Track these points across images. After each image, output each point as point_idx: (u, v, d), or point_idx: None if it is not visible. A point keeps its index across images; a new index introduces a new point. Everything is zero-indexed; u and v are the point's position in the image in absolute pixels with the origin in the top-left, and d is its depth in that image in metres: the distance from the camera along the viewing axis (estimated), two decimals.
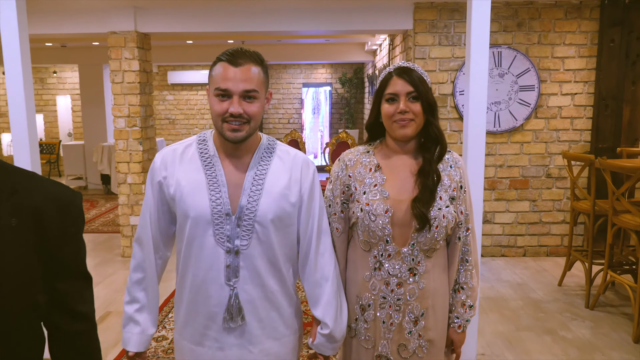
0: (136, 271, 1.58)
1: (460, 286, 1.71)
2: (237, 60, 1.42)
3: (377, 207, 1.59)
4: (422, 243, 1.60)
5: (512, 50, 4.87)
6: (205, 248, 1.48)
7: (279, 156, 1.55)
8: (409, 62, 1.69)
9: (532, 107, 4.94)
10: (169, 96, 11.79)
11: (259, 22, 5.03)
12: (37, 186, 1.07)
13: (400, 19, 4.95)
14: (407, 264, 1.61)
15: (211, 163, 1.51)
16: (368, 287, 1.65)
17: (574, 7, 4.86)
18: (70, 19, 4.98)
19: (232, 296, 1.48)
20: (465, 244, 1.70)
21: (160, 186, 1.54)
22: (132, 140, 5.00)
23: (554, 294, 4.19)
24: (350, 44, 8.88)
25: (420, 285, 1.62)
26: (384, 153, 1.70)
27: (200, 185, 1.49)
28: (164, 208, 1.56)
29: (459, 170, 1.67)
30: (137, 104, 4.95)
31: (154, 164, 1.56)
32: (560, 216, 5.11)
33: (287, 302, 1.56)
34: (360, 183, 1.66)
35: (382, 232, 1.59)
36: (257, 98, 1.44)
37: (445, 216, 1.59)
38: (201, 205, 1.47)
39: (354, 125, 11.61)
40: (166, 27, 4.98)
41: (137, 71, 4.91)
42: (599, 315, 3.76)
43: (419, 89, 1.59)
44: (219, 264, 1.48)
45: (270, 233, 1.48)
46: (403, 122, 1.60)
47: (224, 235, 1.47)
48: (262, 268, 1.50)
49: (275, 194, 1.49)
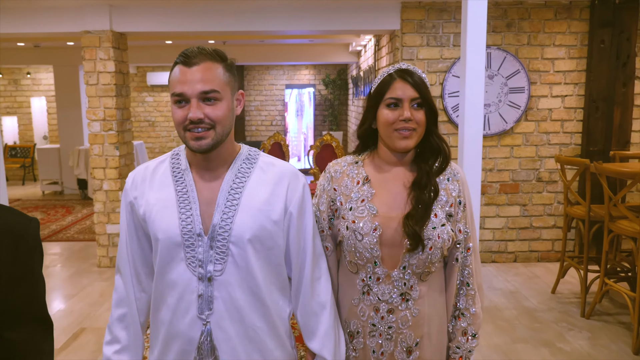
0: (118, 306, 1.39)
1: (460, 312, 1.53)
2: (192, 60, 1.25)
3: (364, 225, 1.43)
4: (415, 265, 1.43)
5: (502, 51, 4.76)
6: (176, 274, 1.30)
7: (261, 167, 1.36)
8: (407, 64, 1.51)
9: (522, 109, 4.83)
10: (149, 98, 11.50)
11: (241, 22, 4.83)
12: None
13: (387, 19, 4.80)
14: (399, 289, 1.44)
15: (182, 178, 1.33)
16: (356, 313, 1.48)
17: (563, 7, 4.76)
18: (42, 17, 4.72)
19: (204, 333, 1.28)
20: (466, 265, 1.52)
21: (132, 208, 1.36)
22: (108, 145, 4.76)
23: (548, 302, 4.07)
24: (334, 45, 8.72)
25: (413, 312, 1.46)
26: (375, 164, 1.53)
27: (169, 203, 1.31)
28: (140, 233, 1.38)
29: (458, 184, 1.50)
30: (113, 106, 4.71)
31: (126, 185, 1.39)
32: (551, 221, 5.01)
33: (275, 344, 1.35)
34: (346, 197, 1.49)
35: (369, 253, 1.43)
36: (219, 99, 1.26)
37: (441, 236, 1.42)
38: (170, 226, 1.29)
39: (337, 127, 11.46)
40: (143, 27, 4.75)
41: (112, 72, 4.67)
42: (596, 325, 3.64)
43: (423, 94, 1.43)
44: (190, 293, 1.29)
45: (248, 256, 1.29)
46: (406, 132, 1.42)
47: (196, 259, 1.28)
48: (241, 299, 1.30)
49: (254, 209, 1.30)
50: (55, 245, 5.89)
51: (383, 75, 1.49)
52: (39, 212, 7.55)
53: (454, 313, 1.54)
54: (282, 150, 8.65)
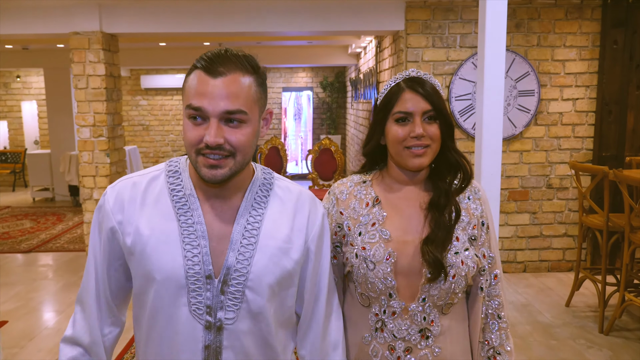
0: (72, 346, 1.14)
1: (495, 351, 1.33)
2: (217, 68, 1.00)
3: (376, 251, 1.25)
4: (436, 297, 1.25)
5: (511, 52, 4.55)
6: (175, 322, 1.07)
7: (279, 195, 1.15)
8: (418, 70, 1.31)
9: (532, 113, 4.63)
10: (143, 101, 11.25)
11: (237, 23, 4.62)
12: None
13: (390, 19, 4.59)
14: (418, 324, 1.26)
15: (186, 206, 1.09)
16: (368, 353, 1.29)
17: (574, 6, 4.56)
18: (28, 18, 4.48)
19: None
20: (494, 295, 1.34)
21: (114, 235, 1.11)
22: (99, 152, 4.53)
23: (562, 316, 3.86)
24: (332, 47, 8.51)
25: (435, 350, 1.27)
26: (385, 184, 1.36)
27: (171, 236, 1.07)
28: (117, 263, 1.14)
29: (480, 203, 1.33)
30: (103, 111, 4.48)
31: (105, 204, 1.12)
32: (562, 229, 4.80)
33: None
34: (354, 222, 1.31)
35: (383, 283, 1.25)
36: (245, 122, 1.03)
37: (465, 262, 1.24)
38: (172, 265, 1.06)
39: (336, 130, 11.26)
40: (135, 27, 4.53)
41: (102, 76, 4.44)
42: (616, 342, 3.43)
43: (436, 105, 1.25)
44: (195, 343, 1.07)
45: (265, 302, 1.08)
46: (419, 149, 1.25)
47: (203, 305, 1.06)
48: (252, 347, 1.09)
49: (275, 248, 1.09)
50: (44, 256, 5.64)
51: (390, 85, 1.30)
52: (29, 220, 7.30)
53: (486, 352, 1.34)
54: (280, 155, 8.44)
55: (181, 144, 11.39)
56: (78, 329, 1.14)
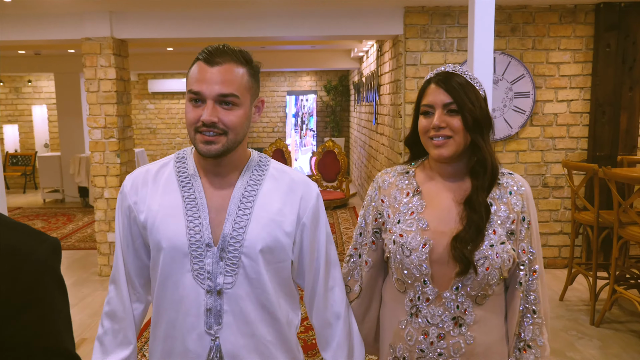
0: (110, 319, 1.32)
1: (526, 344, 1.36)
2: (215, 59, 1.18)
3: (413, 239, 1.31)
4: (470, 287, 1.30)
5: (506, 55, 4.71)
6: (181, 287, 1.23)
7: (273, 175, 1.30)
8: (455, 65, 1.38)
9: (528, 114, 4.77)
10: (150, 105, 11.47)
11: (242, 28, 4.79)
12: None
13: (390, 24, 4.75)
14: (451, 312, 1.31)
15: (189, 184, 1.26)
16: (403, 337, 1.36)
17: (568, 11, 4.71)
18: (42, 24, 4.68)
19: (213, 348, 1.22)
20: (531, 290, 1.36)
21: (131, 213, 1.28)
22: (109, 153, 4.71)
23: (556, 309, 3.99)
24: (335, 51, 8.69)
25: (468, 339, 1.31)
26: (427, 175, 1.41)
27: (176, 209, 1.24)
28: (138, 241, 1.31)
29: (522, 198, 1.34)
30: (114, 114, 4.66)
31: (124, 188, 1.30)
32: (558, 227, 4.94)
33: (284, 356, 1.30)
34: (394, 210, 1.39)
35: (418, 270, 1.31)
36: (237, 104, 1.19)
37: (500, 255, 1.28)
38: (176, 234, 1.22)
39: (339, 133, 11.41)
40: (144, 33, 4.71)
41: (113, 79, 4.63)
42: (606, 333, 3.57)
43: (458, 98, 1.29)
44: (197, 307, 1.22)
45: (260, 268, 1.23)
46: (439, 140, 1.31)
47: (204, 271, 1.22)
48: (251, 313, 1.24)
49: (266, 219, 1.24)
50: None
51: (425, 80, 1.40)
52: (40, 221, 7.50)
53: (517, 345, 1.38)
54: (284, 157, 8.61)
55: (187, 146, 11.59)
56: (113, 304, 1.32)
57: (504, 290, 1.38)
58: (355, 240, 1.49)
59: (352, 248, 1.50)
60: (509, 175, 1.38)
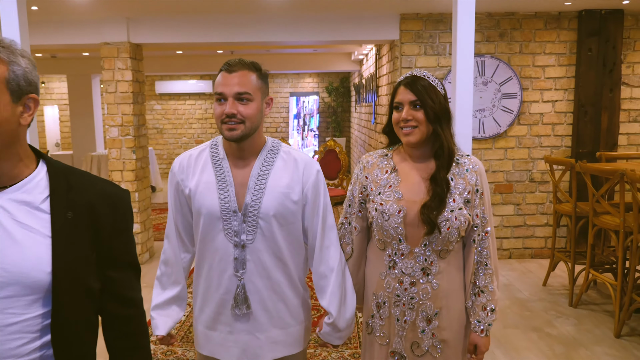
0: (166, 265, 1.71)
1: (480, 290, 1.70)
2: (232, 68, 1.57)
3: (390, 207, 1.65)
4: (435, 244, 1.64)
5: (495, 59, 5.05)
6: (216, 242, 1.61)
7: (282, 157, 1.66)
8: (421, 70, 1.72)
9: (515, 114, 5.12)
10: (157, 106, 11.84)
11: (248, 33, 5.15)
12: (90, 184, 1.18)
13: (386, 30, 5.11)
14: (420, 264, 1.65)
15: (220, 165, 1.63)
16: (383, 285, 1.71)
17: (553, 17, 5.06)
18: (64, 30, 5.05)
19: (239, 286, 1.60)
20: (484, 247, 1.70)
21: (178, 188, 1.67)
22: (125, 149, 5.07)
23: (539, 293, 4.34)
24: (337, 54, 9.04)
25: (433, 285, 1.66)
26: (401, 157, 1.75)
27: (211, 185, 1.61)
28: (184, 208, 1.69)
29: (476, 174, 1.69)
30: (130, 113, 5.03)
31: (173, 169, 1.70)
32: (544, 219, 5.28)
33: (293, 293, 1.67)
34: (375, 184, 1.73)
35: (394, 231, 1.65)
36: (250, 100, 1.56)
37: (458, 218, 1.62)
38: (211, 204, 1.59)
39: (341, 133, 11.75)
40: (158, 38, 5.08)
41: (130, 81, 4.99)
42: (582, 313, 3.91)
43: (422, 97, 1.62)
44: (228, 256, 1.60)
45: (273, 228, 1.59)
46: (407, 129, 1.65)
47: (232, 230, 1.59)
48: (267, 261, 1.61)
49: (277, 192, 1.60)
50: None
51: (397, 82, 1.74)
52: None
53: (473, 290, 1.71)
54: None
55: (193, 146, 11.94)
56: (167, 254, 1.72)
57: (462, 247, 1.72)
58: (345, 211, 1.84)
59: (343, 217, 1.85)
60: (466, 156, 1.73)
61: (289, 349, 1.68)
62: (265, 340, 1.63)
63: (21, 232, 1.07)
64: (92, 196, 1.15)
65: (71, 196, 1.12)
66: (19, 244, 1.05)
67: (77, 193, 1.14)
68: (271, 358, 1.65)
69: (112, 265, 1.19)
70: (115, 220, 1.18)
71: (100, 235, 1.15)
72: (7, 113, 1.04)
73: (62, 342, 1.09)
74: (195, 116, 11.99)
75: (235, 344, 1.63)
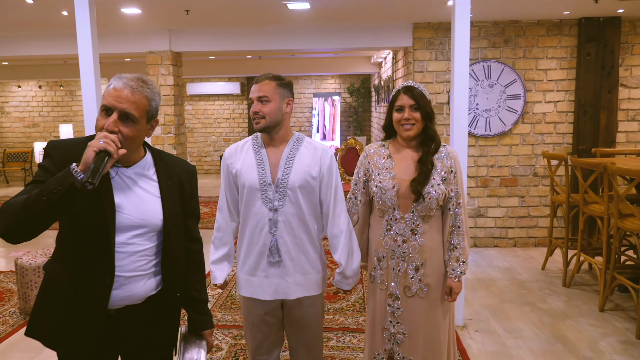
0: (218, 231, 2.27)
1: (454, 246, 2.23)
2: (258, 79, 2.15)
3: (387, 184, 2.19)
4: (420, 210, 2.18)
5: (500, 63, 5.52)
6: (256, 207, 2.15)
7: (305, 146, 2.21)
8: (413, 82, 2.29)
9: (519, 113, 5.58)
10: (188, 106, 12.53)
11: (277, 41, 5.74)
12: (177, 162, 1.78)
13: (401, 37, 5.63)
14: (409, 226, 2.19)
15: (259, 151, 2.19)
16: (382, 244, 2.25)
17: (554, 25, 5.51)
18: (113, 40, 5.72)
19: (273, 241, 2.14)
20: (457, 214, 2.22)
21: (228, 168, 2.23)
22: (167, 146, 5.70)
23: (537, 276, 4.80)
24: (357, 57, 9.56)
25: (419, 242, 2.19)
26: (395, 147, 2.29)
27: (252, 165, 2.17)
28: (232, 185, 2.24)
29: (450, 159, 2.22)
30: (171, 113, 5.66)
31: (225, 155, 2.26)
32: (546, 210, 5.73)
33: (312, 248, 2.20)
34: (375, 167, 2.27)
35: (390, 202, 2.19)
36: (269, 101, 2.10)
37: (437, 191, 2.15)
38: (252, 179, 2.14)
39: (361, 132, 12.25)
40: (196, 47, 5.70)
41: (171, 85, 5.62)
42: (573, 292, 4.37)
43: (419, 102, 2.19)
44: (264, 218, 2.14)
45: (298, 196, 2.13)
46: (407, 126, 2.20)
47: (268, 198, 2.13)
48: (293, 222, 2.15)
49: (301, 170, 2.14)
50: None
51: (395, 91, 2.30)
52: None
53: (449, 247, 2.24)
54: None
55: (221, 144, 12.63)
56: (219, 222, 2.27)
57: (440, 214, 2.27)
58: (352, 188, 2.40)
59: (351, 193, 2.41)
60: (444, 146, 2.27)
61: (309, 291, 2.21)
62: (292, 282, 2.17)
63: (144, 194, 1.65)
64: (179, 170, 1.75)
65: (168, 170, 1.72)
66: (144, 201, 1.64)
67: (171, 168, 1.73)
68: (295, 297, 2.19)
69: (189, 216, 1.79)
70: (191, 186, 1.78)
71: (185, 196, 1.75)
72: (143, 131, 1.62)
73: (167, 263, 1.70)
74: (224, 116, 12.65)
75: (270, 285, 2.17)
